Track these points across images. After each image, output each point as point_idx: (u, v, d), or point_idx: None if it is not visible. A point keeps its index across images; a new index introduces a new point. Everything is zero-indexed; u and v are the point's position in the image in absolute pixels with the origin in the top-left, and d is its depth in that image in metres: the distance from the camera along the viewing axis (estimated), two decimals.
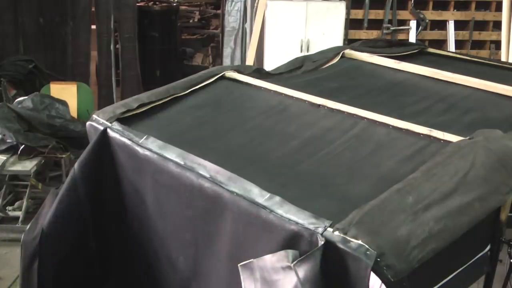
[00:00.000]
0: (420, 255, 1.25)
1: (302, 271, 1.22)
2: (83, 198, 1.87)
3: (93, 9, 5.93)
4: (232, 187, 1.48)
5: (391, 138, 1.77)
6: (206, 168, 1.58)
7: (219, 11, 7.22)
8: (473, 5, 5.76)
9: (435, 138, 1.74)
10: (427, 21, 5.66)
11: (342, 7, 5.12)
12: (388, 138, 1.77)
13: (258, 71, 2.40)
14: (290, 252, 1.26)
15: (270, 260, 1.28)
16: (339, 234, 1.25)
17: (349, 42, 4.86)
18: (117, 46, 6.08)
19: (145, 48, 6.63)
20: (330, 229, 1.27)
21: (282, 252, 1.26)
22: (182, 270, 1.68)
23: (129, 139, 1.78)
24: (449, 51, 3.88)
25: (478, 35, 5.82)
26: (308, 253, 1.23)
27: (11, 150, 4.07)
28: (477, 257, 1.62)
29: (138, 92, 2.33)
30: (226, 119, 1.98)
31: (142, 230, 1.77)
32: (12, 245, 3.71)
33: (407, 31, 5.69)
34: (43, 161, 4.15)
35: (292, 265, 1.23)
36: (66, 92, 4.91)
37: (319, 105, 2.00)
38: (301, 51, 5.02)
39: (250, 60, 5.01)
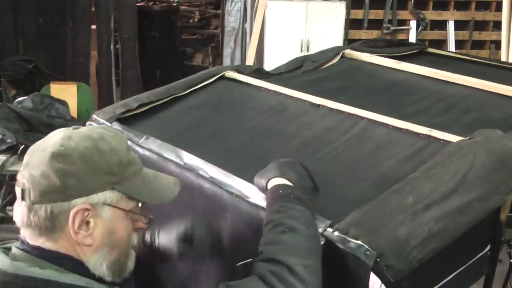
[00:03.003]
0: (420, 255, 1.25)
1: None
2: None
3: (93, 9, 5.93)
4: (231, 187, 1.48)
5: (391, 138, 1.76)
6: (205, 168, 1.58)
7: (219, 11, 7.23)
8: (473, 5, 5.77)
9: (435, 138, 1.74)
10: (427, 21, 5.67)
11: (342, 7, 5.13)
12: (388, 138, 1.77)
13: (258, 71, 2.40)
14: None
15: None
16: (339, 234, 1.25)
17: (349, 42, 4.86)
18: (117, 46, 6.08)
19: (145, 48, 6.64)
20: (330, 229, 1.27)
21: None
22: (181, 270, 1.68)
23: (129, 139, 1.78)
24: (449, 51, 3.88)
25: (478, 35, 5.83)
26: None
27: (11, 150, 4.07)
28: (477, 257, 1.62)
29: (138, 92, 2.33)
30: (226, 119, 1.98)
31: None
32: None
33: (407, 31, 5.70)
34: None
35: None
36: (66, 92, 4.92)
37: (319, 105, 2.00)
38: (301, 51, 5.03)
39: (250, 60, 5.02)
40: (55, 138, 1.07)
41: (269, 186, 1.32)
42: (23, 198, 1.05)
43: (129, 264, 1.16)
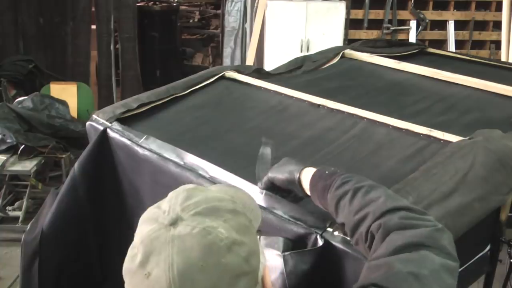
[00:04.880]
0: None
1: (291, 263, 1.22)
2: (83, 199, 1.87)
3: (93, 9, 5.93)
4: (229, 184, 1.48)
5: (391, 138, 1.76)
6: (206, 168, 1.58)
7: (219, 11, 7.23)
8: (473, 5, 5.77)
9: (435, 138, 1.74)
10: (427, 21, 5.66)
11: (342, 7, 5.13)
12: (388, 138, 1.77)
13: (258, 71, 2.40)
14: (282, 240, 1.26)
15: (262, 241, 1.28)
16: (338, 234, 1.25)
17: (349, 42, 4.86)
18: (117, 46, 6.08)
19: (145, 48, 6.64)
20: (329, 229, 1.27)
21: (273, 238, 1.26)
22: None
23: (129, 139, 1.78)
24: (449, 51, 3.88)
25: (478, 35, 5.83)
26: (304, 249, 1.24)
27: (11, 150, 4.08)
28: (477, 257, 1.62)
29: (138, 92, 2.33)
30: (226, 119, 1.98)
31: None
32: (12, 245, 3.72)
33: (407, 31, 5.70)
34: (43, 161, 4.15)
35: (282, 254, 1.23)
36: (66, 92, 4.93)
37: (319, 105, 2.00)
38: (301, 51, 5.03)
39: (250, 60, 5.01)
40: (196, 245, 0.81)
41: (303, 177, 1.30)
42: None
43: None
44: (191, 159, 1.63)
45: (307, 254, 1.23)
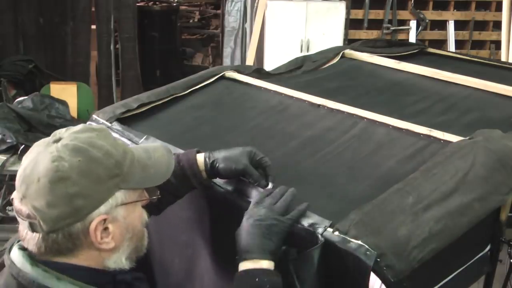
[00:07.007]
0: (420, 255, 1.25)
1: (297, 269, 1.22)
2: None
3: (93, 9, 5.93)
4: (231, 187, 1.48)
5: (391, 138, 1.76)
6: None
7: (219, 11, 7.22)
8: (473, 5, 5.77)
9: (435, 138, 1.74)
10: (427, 21, 5.67)
11: (342, 7, 5.13)
12: (388, 138, 1.77)
13: (258, 71, 2.40)
14: (287, 249, 1.26)
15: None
16: (339, 234, 1.25)
17: (349, 42, 4.86)
18: (117, 46, 6.07)
19: (145, 48, 6.63)
20: (330, 229, 1.27)
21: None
22: (176, 272, 1.68)
23: (129, 139, 1.78)
24: (449, 51, 3.88)
25: (478, 35, 5.83)
26: (305, 251, 1.24)
27: (11, 150, 4.07)
28: (477, 257, 1.62)
29: (138, 92, 2.33)
30: (226, 119, 1.98)
31: None
32: None
33: (407, 31, 5.70)
34: None
35: (289, 262, 1.23)
36: (66, 92, 4.92)
37: (319, 105, 2.00)
38: (301, 51, 5.03)
39: (250, 60, 5.01)
40: (44, 164, 1.01)
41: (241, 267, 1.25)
42: (34, 230, 1.03)
43: (144, 243, 1.18)
44: None
45: (310, 253, 1.24)
